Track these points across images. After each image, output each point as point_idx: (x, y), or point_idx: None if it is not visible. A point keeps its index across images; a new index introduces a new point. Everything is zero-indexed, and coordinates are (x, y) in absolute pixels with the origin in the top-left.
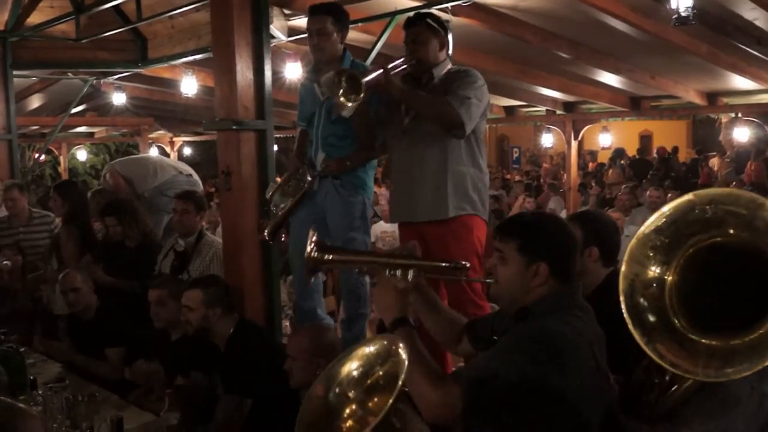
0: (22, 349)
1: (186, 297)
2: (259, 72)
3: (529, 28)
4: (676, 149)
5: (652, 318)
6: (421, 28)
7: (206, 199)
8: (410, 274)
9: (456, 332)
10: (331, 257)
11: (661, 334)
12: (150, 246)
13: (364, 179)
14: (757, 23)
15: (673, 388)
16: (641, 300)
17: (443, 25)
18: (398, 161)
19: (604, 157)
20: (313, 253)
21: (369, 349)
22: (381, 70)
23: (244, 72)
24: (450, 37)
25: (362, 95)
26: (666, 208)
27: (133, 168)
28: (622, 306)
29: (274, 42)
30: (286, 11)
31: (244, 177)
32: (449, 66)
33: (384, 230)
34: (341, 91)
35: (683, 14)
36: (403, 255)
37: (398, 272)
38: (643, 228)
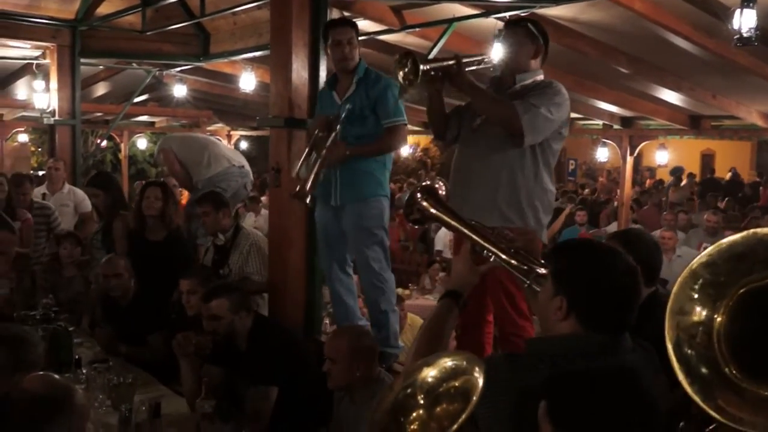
0: (71, 329)
1: (212, 307)
2: (314, 72)
3: (588, 41)
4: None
5: (703, 369)
6: (519, 30)
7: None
8: (493, 258)
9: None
10: (432, 210)
11: (712, 381)
12: (177, 240)
13: (381, 180)
14: None
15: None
16: (689, 350)
17: (544, 35)
18: (459, 158)
19: (662, 174)
20: (418, 194)
21: (449, 363)
22: (454, 59)
23: (299, 71)
24: (547, 49)
25: (418, 80)
26: (719, 243)
27: (190, 153)
28: (673, 361)
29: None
30: (346, 13)
31: (293, 174)
32: (539, 76)
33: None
34: (403, 71)
35: (745, 35)
36: (496, 238)
37: (484, 252)
38: (691, 263)
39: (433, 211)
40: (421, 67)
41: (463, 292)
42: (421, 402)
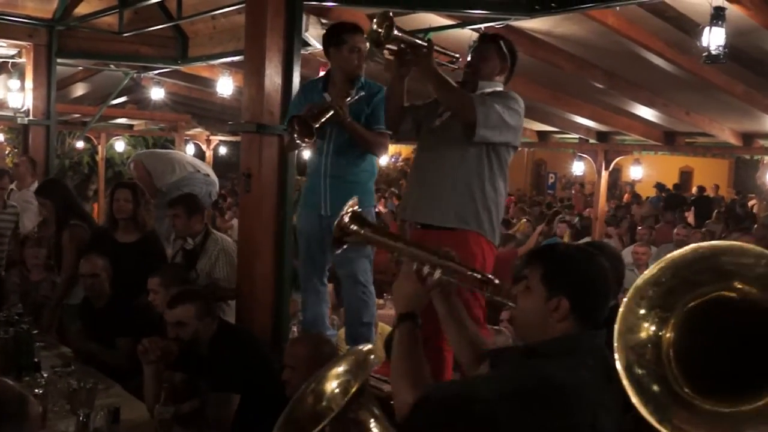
0: (35, 332)
1: (177, 313)
2: (287, 78)
3: (563, 55)
4: (715, 188)
5: (655, 387)
6: (490, 45)
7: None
8: (436, 274)
9: (476, 354)
10: (362, 230)
11: (665, 400)
12: (149, 243)
13: (370, 190)
14: None
15: None
16: (639, 370)
17: (513, 55)
18: (417, 159)
19: (640, 189)
20: (344, 220)
21: (340, 369)
22: (427, 42)
23: (272, 77)
24: (512, 69)
25: (387, 46)
26: (662, 260)
27: (156, 163)
28: (625, 382)
29: (309, 50)
30: (324, 20)
31: (264, 180)
32: (499, 87)
33: None
34: (380, 28)
35: (714, 52)
36: (437, 252)
37: (425, 268)
38: (636, 283)
39: (365, 231)
40: (395, 32)
41: (417, 312)
42: (333, 407)
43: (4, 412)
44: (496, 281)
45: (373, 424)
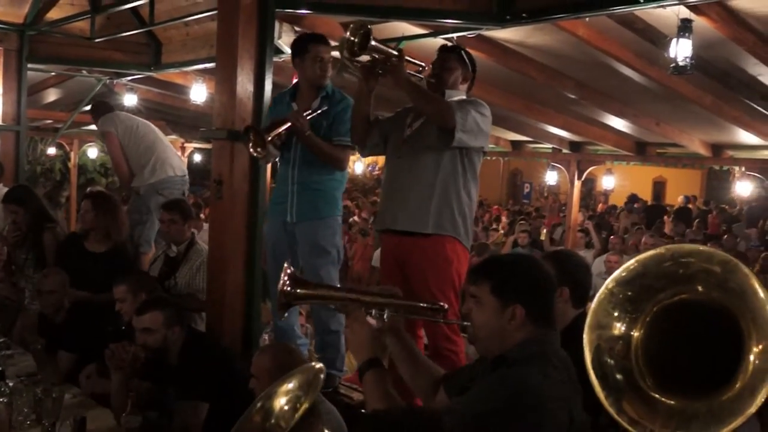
0: (2, 340)
1: (145, 320)
2: (259, 85)
3: (535, 65)
4: (693, 199)
5: (618, 376)
6: (452, 56)
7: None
8: (386, 314)
9: (433, 383)
10: (304, 292)
11: (626, 392)
12: (119, 255)
13: (337, 198)
14: (761, 79)
15: None
16: (608, 360)
17: (473, 64)
18: (390, 170)
19: (614, 199)
20: (286, 288)
21: (290, 385)
22: (397, 52)
23: (244, 84)
24: (473, 78)
25: (363, 51)
26: (632, 261)
27: (135, 151)
28: (589, 368)
29: (283, 57)
30: (297, 28)
31: (235, 187)
32: (464, 96)
33: None
34: (354, 38)
35: (681, 63)
36: (380, 293)
37: (374, 311)
38: (607, 282)
39: (307, 292)
40: (372, 42)
41: (380, 355)
42: (284, 426)
43: None
44: (446, 306)
45: None
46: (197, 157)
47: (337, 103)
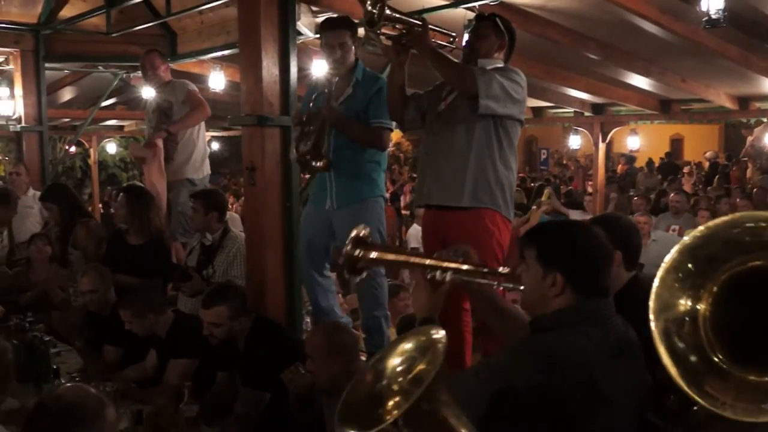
0: (48, 338)
1: (211, 314)
2: (285, 68)
3: (557, 29)
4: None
5: (693, 358)
6: (486, 23)
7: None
8: (448, 275)
9: (522, 329)
10: (371, 255)
11: (704, 372)
12: (157, 245)
13: (377, 181)
14: None
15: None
16: (679, 343)
17: (511, 32)
18: (426, 145)
19: (641, 162)
20: (351, 250)
21: (407, 346)
22: (422, 20)
23: (269, 68)
24: (512, 45)
25: (383, 30)
26: (695, 232)
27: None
28: (666, 361)
29: (301, 39)
30: (314, 8)
31: (268, 173)
32: (499, 64)
33: None
34: (377, 12)
35: (714, 16)
36: (442, 257)
37: (437, 273)
38: (670, 253)
39: (375, 256)
40: (386, 11)
41: (435, 317)
42: (395, 389)
43: (83, 415)
44: (503, 270)
45: (446, 410)
46: (215, 146)
47: (370, 86)
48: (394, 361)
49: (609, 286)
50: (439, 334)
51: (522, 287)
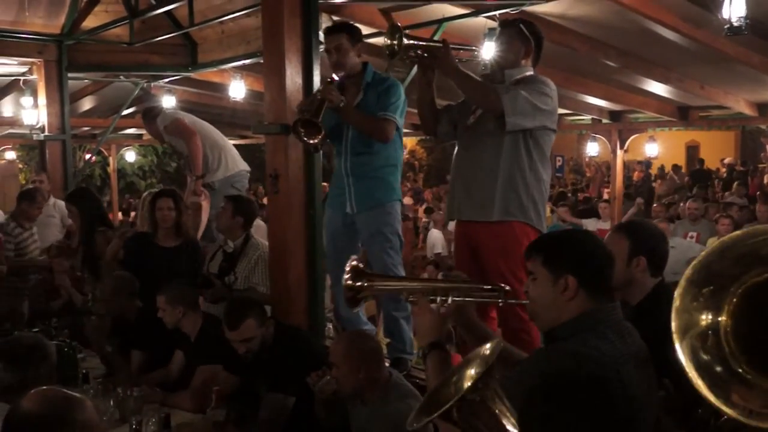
0: (74, 343)
1: (242, 332)
2: (308, 77)
3: (577, 37)
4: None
5: (718, 368)
6: (510, 30)
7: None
8: (449, 299)
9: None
10: (369, 284)
11: (729, 383)
12: (192, 249)
13: (393, 184)
14: None
15: None
16: (704, 356)
17: (537, 36)
18: (457, 158)
19: (653, 169)
20: (350, 281)
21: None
22: (442, 41)
23: (293, 77)
24: (539, 50)
25: (401, 51)
26: (720, 242)
27: (204, 140)
28: (694, 377)
29: (322, 48)
30: (335, 18)
31: (292, 180)
32: (528, 72)
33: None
34: (392, 41)
35: (735, 24)
36: (441, 280)
37: (438, 298)
38: (688, 269)
39: (372, 284)
40: (405, 41)
41: (443, 341)
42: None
43: (50, 424)
44: (507, 288)
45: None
46: None
47: (379, 86)
48: (464, 367)
49: (613, 289)
50: (494, 342)
51: (526, 301)
